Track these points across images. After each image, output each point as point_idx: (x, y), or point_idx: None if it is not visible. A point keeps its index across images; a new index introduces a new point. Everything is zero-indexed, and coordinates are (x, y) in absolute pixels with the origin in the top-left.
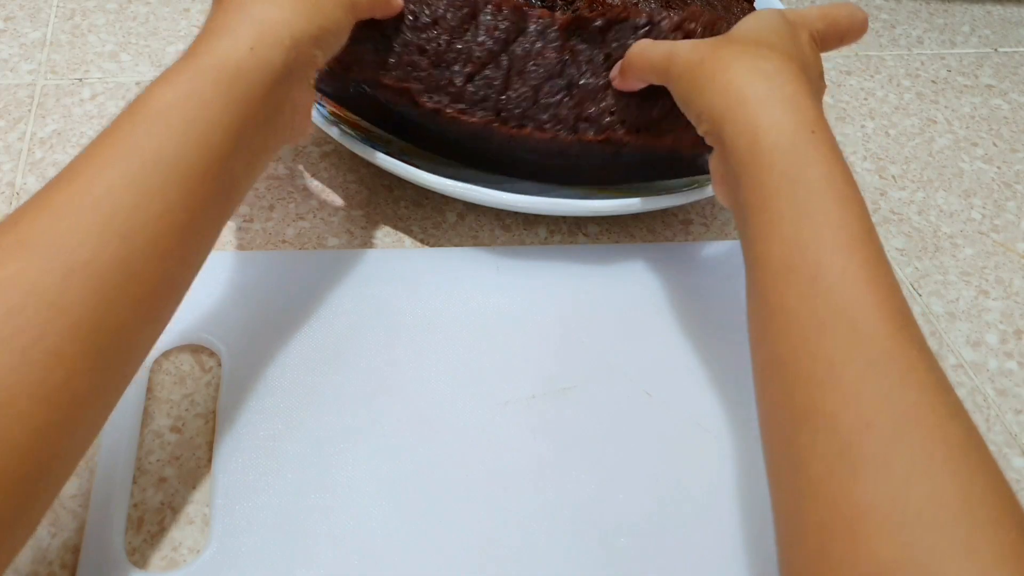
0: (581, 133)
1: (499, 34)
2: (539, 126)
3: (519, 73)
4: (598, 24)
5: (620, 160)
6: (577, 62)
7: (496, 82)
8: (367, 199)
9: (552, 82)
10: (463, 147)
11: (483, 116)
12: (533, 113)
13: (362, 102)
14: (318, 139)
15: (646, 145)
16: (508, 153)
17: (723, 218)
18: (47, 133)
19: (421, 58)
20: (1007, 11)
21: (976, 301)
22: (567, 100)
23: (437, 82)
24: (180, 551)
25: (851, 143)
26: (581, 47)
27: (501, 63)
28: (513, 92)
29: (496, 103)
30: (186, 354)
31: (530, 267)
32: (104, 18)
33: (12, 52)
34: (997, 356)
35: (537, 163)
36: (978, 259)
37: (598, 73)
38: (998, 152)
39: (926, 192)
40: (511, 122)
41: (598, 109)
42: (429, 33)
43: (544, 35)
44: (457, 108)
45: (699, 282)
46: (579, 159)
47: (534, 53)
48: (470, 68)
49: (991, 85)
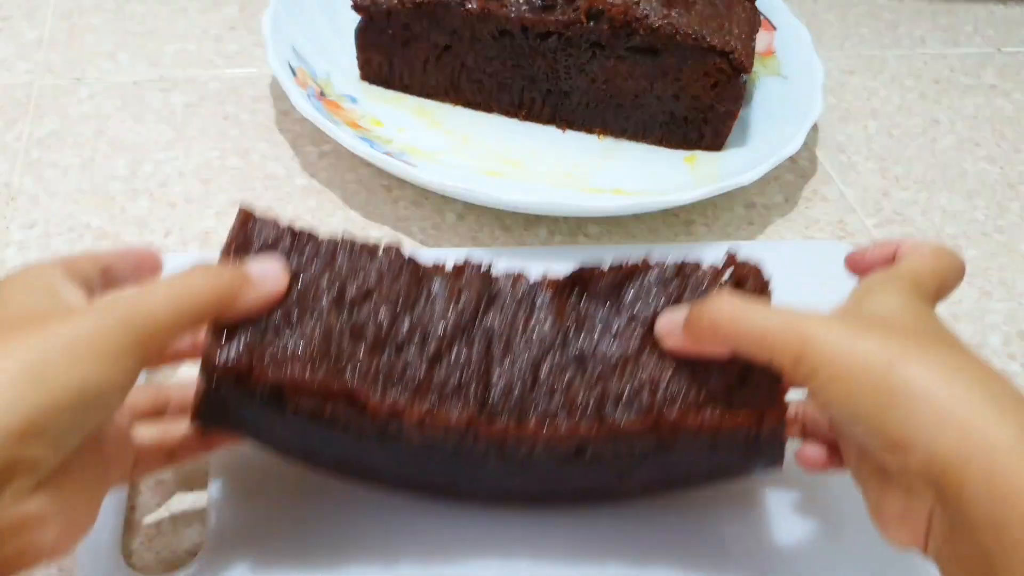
0: (612, 420)
1: (463, 302)
2: (545, 419)
3: (505, 349)
4: (606, 282)
5: (667, 455)
6: (586, 328)
7: (472, 364)
8: (366, 199)
9: (554, 356)
10: (433, 465)
11: (462, 413)
12: (532, 402)
13: (272, 427)
14: (316, 138)
15: (710, 427)
16: (499, 468)
17: (725, 219)
18: (44, 133)
19: (358, 345)
20: (1010, 11)
21: (979, 303)
22: (580, 378)
23: (388, 373)
24: (178, 553)
25: (854, 143)
26: (588, 309)
27: (474, 339)
28: (501, 375)
29: (478, 393)
30: None
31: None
32: (101, 18)
33: (9, 52)
34: (1000, 358)
35: (542, 476)
36: (981, 260)
37: (623, 338)
38: (1001, 152)
39: (929, 193)
40: (503, 417)
41: (634, 385)
42: (363, 309)
43: (528, 300)
44: (422, 407)
45: None
46: (605, 460)
47: (519, 323)
48: (432, 348)
49: (994, 85)
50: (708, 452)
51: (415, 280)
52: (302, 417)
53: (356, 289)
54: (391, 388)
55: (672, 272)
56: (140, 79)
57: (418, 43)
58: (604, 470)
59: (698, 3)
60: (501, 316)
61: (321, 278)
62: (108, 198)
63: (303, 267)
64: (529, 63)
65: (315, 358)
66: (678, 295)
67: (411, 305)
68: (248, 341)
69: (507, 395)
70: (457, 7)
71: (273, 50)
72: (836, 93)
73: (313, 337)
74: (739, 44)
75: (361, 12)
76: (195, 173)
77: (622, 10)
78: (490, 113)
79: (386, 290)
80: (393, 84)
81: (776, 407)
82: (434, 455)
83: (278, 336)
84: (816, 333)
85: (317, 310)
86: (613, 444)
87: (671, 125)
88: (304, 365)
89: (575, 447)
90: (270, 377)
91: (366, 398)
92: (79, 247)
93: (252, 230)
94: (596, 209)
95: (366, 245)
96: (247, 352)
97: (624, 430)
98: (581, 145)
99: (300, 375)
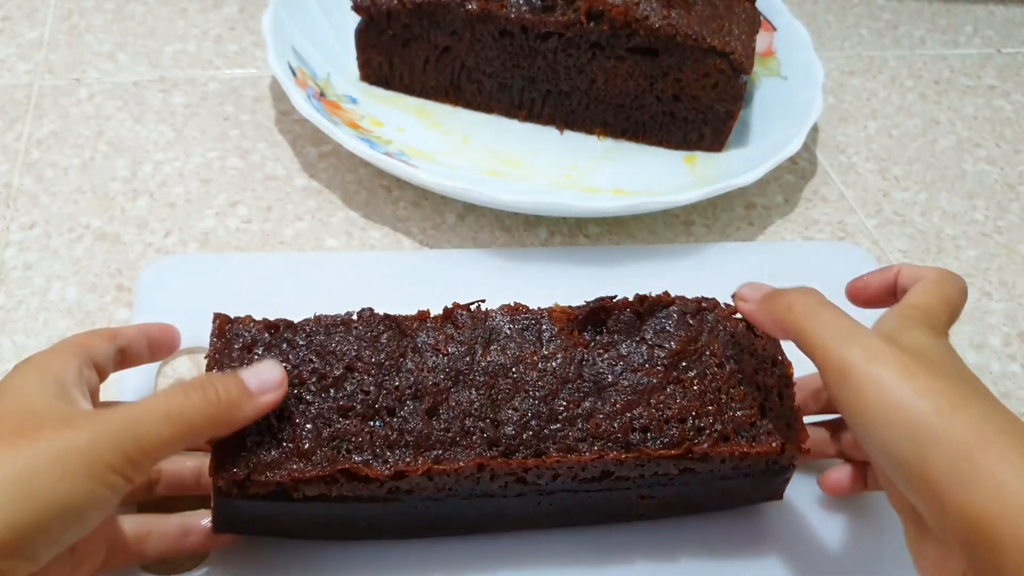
0: (640, 449)
1: (456, 347)
2: (567, 452)
3: (514, 386)
4: (625, 314)
5: (688, 480)
6: (606, 360)
7: (476, 407)
8: (366, 200)
9: (571, 388)
10: (455, 511)
11: (471, 457)
12: (552, 435)
13: (290, 519)
14: (316, 139)
15: (736, 456)
16: (520, 503)
17: (725, 219)
18: (44, 134)
19: (348, 421)
20: (1010, 11)
21: (979, 303)
22: (602, 409)
23: (385, 438)
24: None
25: (854, 144)
26: (605, 340)
27: (474, 382)
28: (513, 411)
29: (487, 433)
30: (183, 358)
31: (531, 269)
32: (101, 18)
33: (9, 52)
34: (1000, 359)
35: (564, 505)
36: (981, 261)
37: (644, 370)
38: (1001, 153)
39: (929, 193)
40: (520, 454)
41: (663, 415)
42: (347, 384)
43: (534, 332)
44: (427, 461)
45: (701, 283)
46: (628, 482)
47: (526, 357)
48: (428, 403)
49: (994, 86)
50: (727, 479)
51: (398, 337)
52: (313, 505)
53: (337, 367)
54: (391, 452)
55: (693, 308)
56: (140, 79)
57: (418, 44)
58: (625, 494)
59: (698, 4)
60: (503, 353)
61: (303, 367)
62: (108, 198)
63: (280, 356)
64: (529, 64)
65: (310, 449)
66: (697, 332)
67: (397, 366)
68: (245, 449)
69: (521, 431)
70: (457, 8)
71: (273, 50)
72: (836, 94)
73: (304, 428)
74: (739, 45)
75: (361, 13)
76: (195, 173)
77: (622, 11)
78: (490, 114)
79: (367, 357)
80: (393, 85)
81: (794, 437)
82: (453, 502)
83: (274, 436)
84: (859, 363)
85: (304, 400)
86: (639, 468)
87: (671, 126)
88: (300, 459)
89: (599, 471)
90: (271, 480)
91: (366, 470)
92: (79, 248)
93: (230, 333)
94: (596, 210)
95: (340, 317)
96: (244, 462)
97: (652, 456)
98: (581, 145)
99: (298, 471)
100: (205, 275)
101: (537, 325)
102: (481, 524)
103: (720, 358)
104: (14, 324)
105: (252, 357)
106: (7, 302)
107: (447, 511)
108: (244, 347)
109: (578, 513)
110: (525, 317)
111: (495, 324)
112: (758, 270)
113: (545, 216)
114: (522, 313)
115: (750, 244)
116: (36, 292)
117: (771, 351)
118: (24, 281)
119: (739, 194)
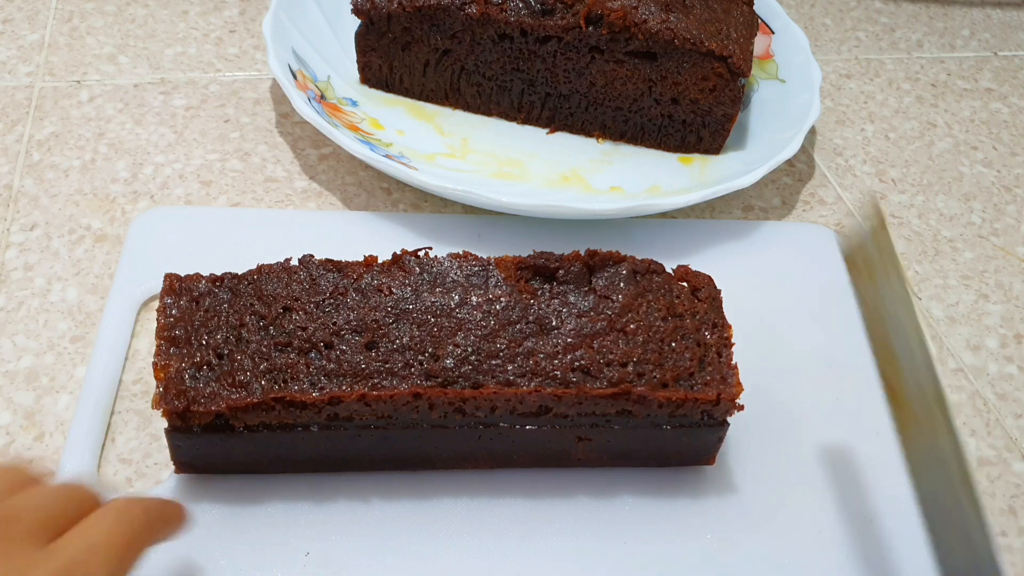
0: (576, 386)
1: (400, 288)
2: (505, 384)
3: (457, 325)
4: (577, 266)
5: (625, 424)
6: (553, 307)
7: (416, 342)
8: (366, 202)
9: (514, 328)
10: (395, 449)
11: (408, 387)
12: (491, 369)
13: (239, 452)
14: (316, 141)
15: (673, 401)
16: (459, 435)
17: (724, 210)
18: (45, 135)
19: (285, 355)
20: (1006, 15)
21: (976, 305)
22: (542, 348)
23: (322, 368)
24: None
25: (851, 147)
26: (553, 288)
27: (416, 320)
28: (453, 347)
29: (425, 365)
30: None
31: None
32: (102, 20)
33: (10, 54)
34: (997, 360)
35: (503, 441)
36: (978, 263)
37: (590, 317)
38: (998, 156)
39: (926, 196)
40: (458, 384)
41: (603, 358)
42: (286, 322)
43: (481, 278)
44: (363, 388)
45: (656, 254)
46: (567, 420)
47: (469, 299)
48: (367, 337)
49: (991, 89)
50: (662, 428)
51: (338, 279)
52: (257, 436)
53: (276, 307)
54: (328, 380)
55: (643, 268)
56: (141, 82)
57: (418, 47)
58: (563, 433)
59: (696, 7)
60: (447, 296)
61: (244, 312)
62: (109, 200)
63: (224, 303)
64: (528, 67)
65: (248, 381)
66: (644, 289)
67: (337, 304)
68: (185, 385)
69: (460, 364)
70: (457, 11)
71: (273, 53)
72: (833, 97)
73: (243, 363)
74: (737, 48)
75: (361, 16)
76: (195, 175)
77: (621, 14)
78: (489, 116)
79: (306, 298)
80: (393, 87)
81: (730, 392)
82: (395, 435)
83: (213, 372)
84: None
85: (243, 340)
86: (577, 406)
87: (670, 128)
88: (238, 389)
89: (537, 406)
90: (208, 410)
91: (301, 396)
92: (80, 249)
93: (180, 288)
94: (595, 211)
95: (280, 264)
96: (183, 395)
97: (590, 395)
98: (580, 148)
99: (235, 400)
100: (193, 225)
101: (484, 272)
102: (424, 460)
103: (665, 313)
104: (14, 325)
105: (199, 309)
106: (7, 303)
107: (390, 446)
108: (191, 299)
109: (517, 453)
110: (473, 263)
111: (442, 269)
112: (722, 247)
113: (544, 218)
114: (470, 260)
115: (740, 223)
116: (36, 293)
117: (713, 315)
118: (25, 282)
119: (737, 196)
